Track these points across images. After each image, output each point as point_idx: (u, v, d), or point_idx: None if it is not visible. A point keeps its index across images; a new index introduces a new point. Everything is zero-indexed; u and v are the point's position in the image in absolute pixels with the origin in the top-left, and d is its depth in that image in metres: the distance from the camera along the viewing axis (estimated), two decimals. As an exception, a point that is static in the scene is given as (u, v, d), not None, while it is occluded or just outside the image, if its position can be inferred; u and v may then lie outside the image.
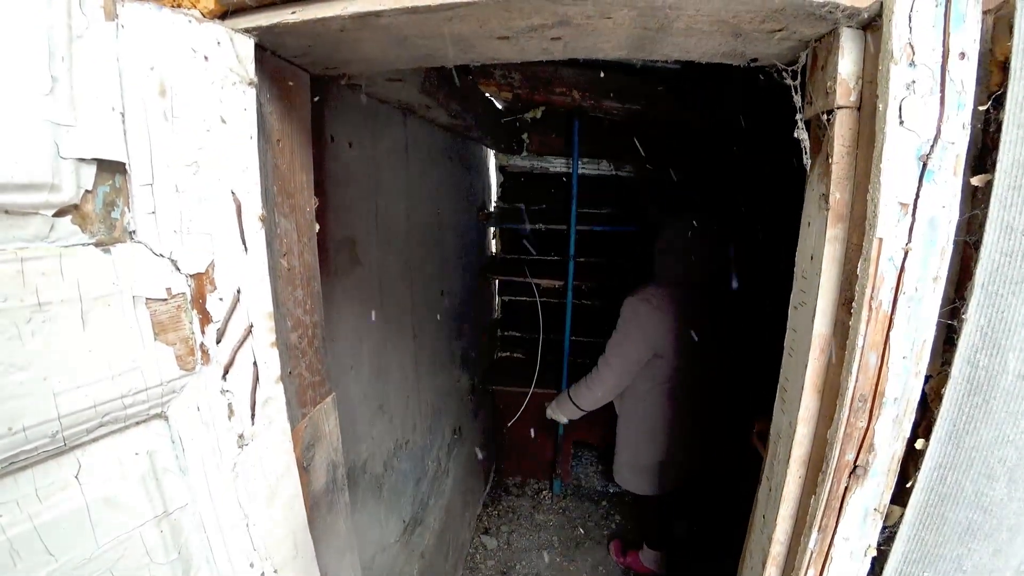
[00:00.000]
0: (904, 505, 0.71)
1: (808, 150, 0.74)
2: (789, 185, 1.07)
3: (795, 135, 0.73)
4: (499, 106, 2.58)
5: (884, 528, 0.73)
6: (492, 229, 3.15)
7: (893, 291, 0.62)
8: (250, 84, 0.66)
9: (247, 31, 0.66)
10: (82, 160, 0.51)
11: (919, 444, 0.67)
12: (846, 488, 0.71)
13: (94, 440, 0.54)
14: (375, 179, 1.53)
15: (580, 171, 2.81)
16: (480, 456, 2.96)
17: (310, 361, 0.86)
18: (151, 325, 0.56)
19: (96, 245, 0.52)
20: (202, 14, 0.63)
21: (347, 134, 1.37)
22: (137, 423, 0.57)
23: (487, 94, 2.18)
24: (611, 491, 3.28)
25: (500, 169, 3.04)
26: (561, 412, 2.36)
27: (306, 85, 0.88)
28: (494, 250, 3.23)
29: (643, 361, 2.07)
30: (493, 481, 3.29)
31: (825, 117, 0.69)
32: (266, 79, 0.76)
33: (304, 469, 0.84)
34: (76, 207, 0.51)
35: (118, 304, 0.53)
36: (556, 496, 3.25)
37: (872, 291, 0.62)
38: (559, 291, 2.92)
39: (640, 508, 2.68)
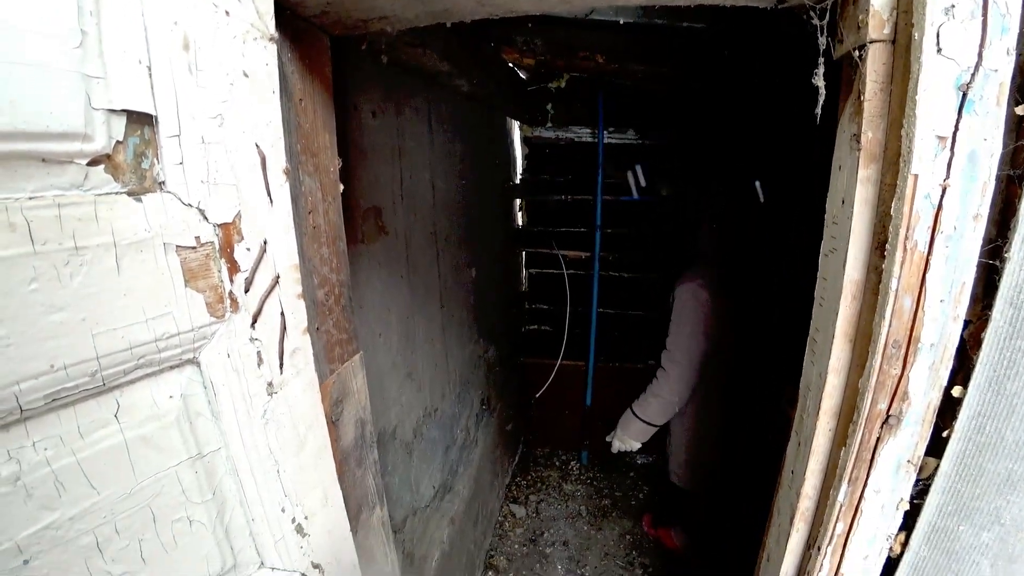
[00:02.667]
0: (940, 456, 0.69)
1: (823, 100, 0.70)
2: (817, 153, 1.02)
3: (813, 81, 0.70)
4: (522, 75, 2.55)
5: (918, 481, 0.71)
6: (518, 201, 3.14)
7: (930, 231, 0.59)
8: (271, 40, 0.67)
9: (266, -13, 0.67)
10: (112, 111, 0.52)
11: (956, 392, 0.65)
12: (878, 439, 0.69)
13: (131, 382, 0.57)
14: (399, 149, 1.54)
15: (606, 140, 2.76)
16: (509, 427, 3.01)
17: (337, 319, 0.89)
18: (182, 272, 0.59)
19: (128, 194, 0.54)
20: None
21: (371, 104, 1.38)
22: (171, 367, 0.60)
23: (510, 63, 2.15)
24: (639, 462, 3.28)
25: (525, 140, 3.01)
26: (631, 437, 2.14)
27: (326, 47, 0.89)
28: (520, 222, 3.22)
29: (707, 351, 1.91)
30: (522, 452, 3.34)
31: (857, 54, 0.65)
32: (287, 40, 0.77)
33: (333, 424, 0.87)
34: (108, 157, 0.53)
35: (150, 251, 0.55)
36: (584, 467, 3.28)
37: (907, 231, 0.60)
38: (586, 262, 2.90)
39: (687, 501, 2.59)
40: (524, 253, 3.22)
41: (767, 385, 1.92)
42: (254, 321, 0.66)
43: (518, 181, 3.06)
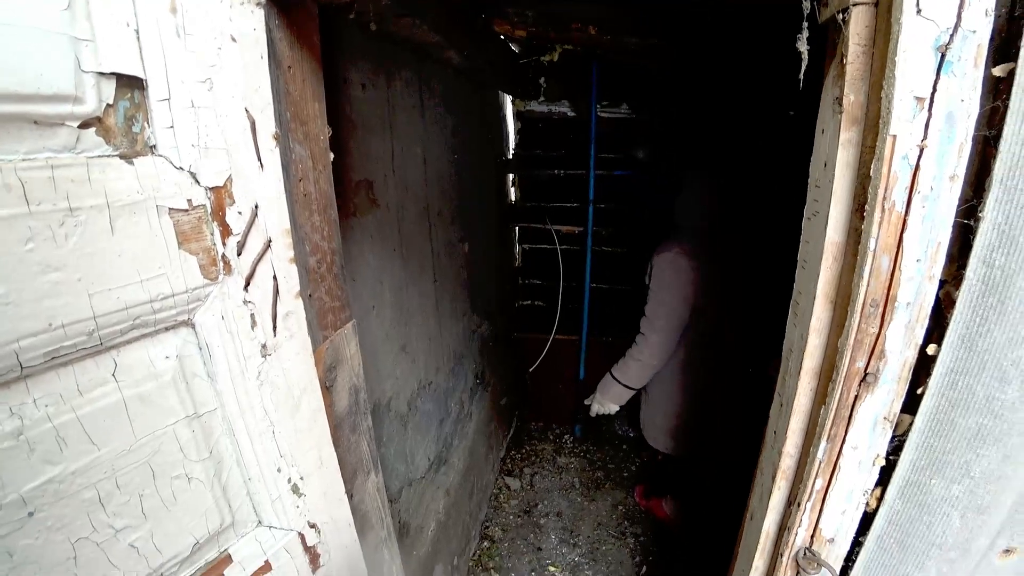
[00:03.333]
0: (914, 413, 0.71)
1: (806, 65, 0.71)
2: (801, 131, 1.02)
3: (797, 46, 0.70)
4: (514, 48, 2.52)
5: (893, 437, 0.74)
6: (511, 176, 3.13)
7: (907, 191, 0.61)
8: (258, 5, 0.67)
9: (250, -52, 0.66)
10: (102, 74, 0.53)
11: (931, 350, 0.67)
12: (856, 396, 0.72)
13: (127, 342, 0.58)
14: (390, 122, 1.53)
15: (599, 115, 2.74)
16: (503, 401, 3.05)
17: (329, 286, 0.90)
18: (175, 234, 0.59)
19: (120, 157, 0.55)
20: (206, -66, 0.64)
21: (361, 76, 1.37)
22: (166, 328, 0.62)
23: (501, 35, 2.13)
24: (631, 435, 3.35)
25: (517, 115, 2.98)
26: (609, 400, 2.18)
27: (315, 15, 0.88)
28: (513, 198, 3.22)
29: (686, 318, 1.96)
30: (516, 426, 3.39)
31: (840, 16, 0.66)
32: (275, 6, 0.76)
33: (327, 389, 0.89)
34: (99, 120, 0.54)
35: (143, 213, 0.56)
36: (577, 440, 3.34)
37: (885, 191, 0.61)
38: (579, 238, 2.91)
39: (667, 465, 2.66)
40: (517, 228, 3.22)
41: (753, 351, 1.96)
42: (247, 284, 0.67)
43: (511, 156, 3.04)
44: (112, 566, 0.59)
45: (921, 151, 0.59)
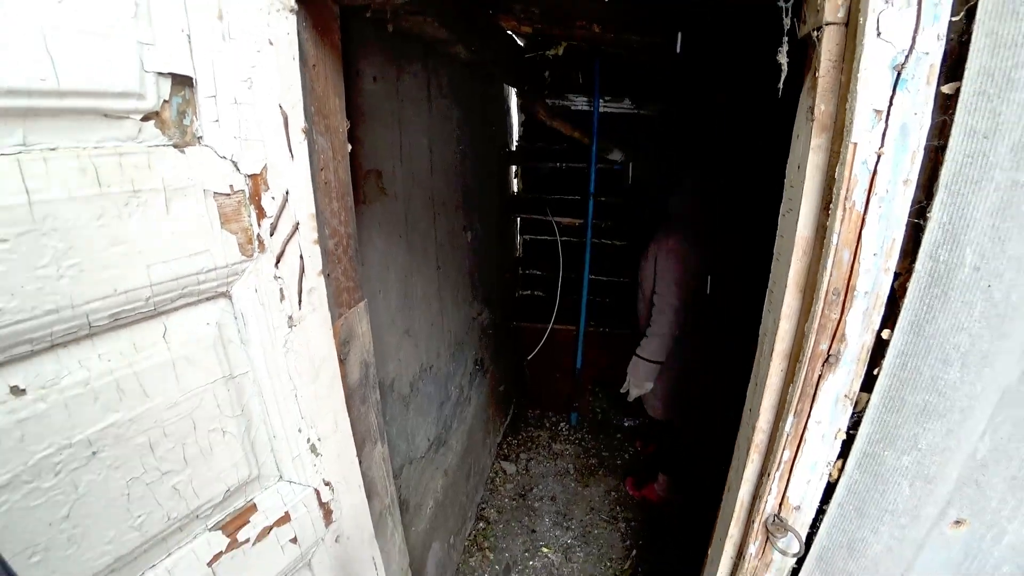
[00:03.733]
0: (871, 391, 0.80)
1: (785, 75, 0.78)
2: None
3: (778, 58, 0.78)
4: (520, 43, 2.58)
5: (853, 413, 0.83)
6: (514, 168, 3.20)
7: (866, 192, 0.69)
8: (291, 11, 0.74)
9: (285, -41, 0.73)
10: (160, 74, 0.60)
11: (885, 334, 0.75)
12: (820, 376, 0.80)
13: (175, 309, 0.67)
14: (399, 114, 1.60)
15: (601, 109, 2.81)
16: (501, 388, 3.14)
17: (345, 268, 0.98)
18: (218, 215, 0.67)
19: (174, 146, 0.63)
20: (244, -56, 0.71)
21: (372, 69, 1.44)
22: (208, 298, 0.70)
23: (507, 31, 2.19)
24: (626, 424, 3.45)
25: (521, 108, 3.05)
26: (643, 379, 2.36)
27: (335, 16, 0.95)
28: (515, 189, 3.29)
29: (689, 296, 2.16)
30: (513, 412, 3.48)
31: (815, 34, 0.73)
32: (302, 9, 0.83)
33: (342, 361, 0.97)
34: (157, 114, 0.61)
35: (192, 196, 0.64)
36: (573, 428, 3.44)
37: (847, 192, 0.69)
38: (579, 230, 2.99)
39: (666, 434, 2.78)
40: (519, 219, 3.30)
41: (736, 332, 2.08)
42: (278, 261, 0.75)
43: (514, 148, 3.11)
44: (158, 504, 0.68)
45: (879, 157, 0.67)
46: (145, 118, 0.60)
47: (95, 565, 0.63)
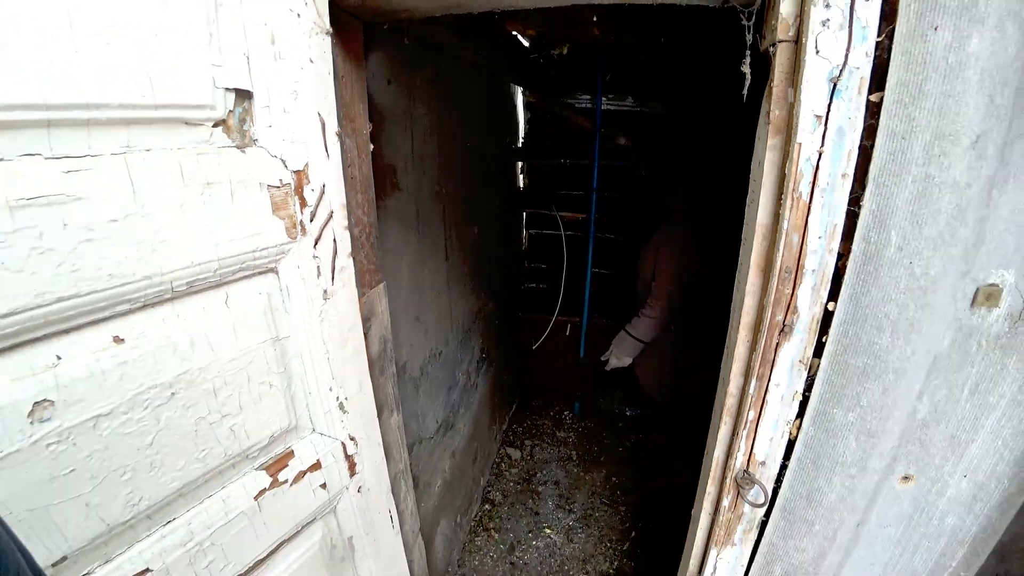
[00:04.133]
0: (820, 356, 0.92)
1: (750, 82, 0.91)
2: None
3: (742, 68, 0.90)
4: (525, 44, 2.71)
5: (808, 377, 0.95)
6: (520, 164, 3.34)
7: (810, 185, 0.82)
8: (327, 33, 0.88)
9: (322, -10, 0.87)
10: (227, 89, 0.75)
11: (831, 306, 0.88)
12: (777, 344, 0.93)
13: (236, 280, 0.81)
14: (410, 113, 1.74)
15: (604, 107, 2.95)
16: (506, 377, 3.28)
17: (367, 252, 1.12)
18: (270, 204, 0.82)
19: (236, 148, 0.77)
20: (287, -23, 0.85)
21: (387, 72, 1.57)
22: (259, 273, 0.84)
23: (513, 32, 2.33)
24: (628, 414, 3.57)
25: (527, 106, 3.19)
26: (624, 353, 2.55)
27: (360, 32, 1.10)
28: (521, 185, 3.43)
29: (683, 286, 2.32)
30: (518, 401, 3.62)
31: (771, 49, 0.86)
32: (334, 30, 0.98)
33: (365, 334, 1.11)
34: (224, 121, 0.76)
35: (251, 187, 0.78)
36: (576, 416, 3.57)
37: (794, 185, 0.82)
38: (582, 224, 3.13)
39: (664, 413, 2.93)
40: (524, 214, 3.45)
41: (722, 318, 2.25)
42: (316, 243, 0.89)
43: (520, 145, 3.25)
44: (217, 441, 0.82)
45: (820, 155, 0.80)
46: (215, 125, 0.74)
47: (168, 488, 0.78)
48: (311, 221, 0.88)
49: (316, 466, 0.99)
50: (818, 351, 0.92)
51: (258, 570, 0.94)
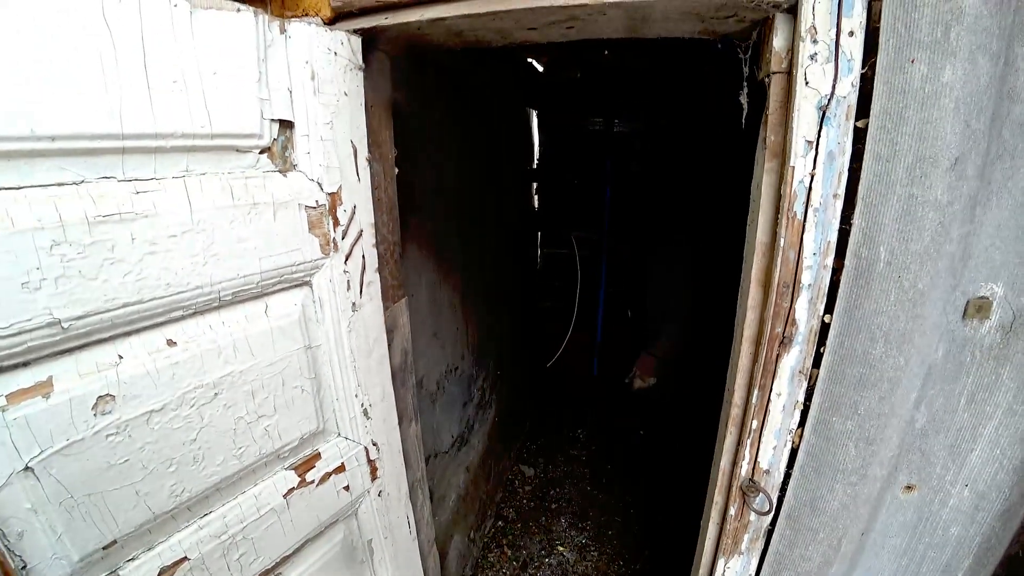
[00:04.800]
0: (819, 367, 0.97)
1: (747, 111, 0.98)
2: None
3: (740, 99, 0.98)
4: (539, 68, 2.83)
5: (808, 386, 1.00)
6: (535, 184, 3.45)
7: (804, 205, 0.88)
8: (359, 69, 0.98)
9: (356, 31, 0.97)
10: (272, 120, 0.84)
11: (827, 319, 0.93)
12: (778, 355, 0.98)
13: (275, 291, 0.89)
14: (429, 135, 1.84)
15: (616, 129, 3.05)
16: (521, 394, 3.32)
17: (391, 268, 1.20)
18: (307, 223, 0.90)
19: (279, 172, 0.86)
20: (322, 20, 0.95)
21: (408, 98, 1.67)
22: (296, 285, 0.92)
23: (528, 59, 2.45)
24: (642, 432, 3.57)
25: (541, 128, 3.31)
26: (647, 373, 2.67)
27: (387, 66, 1.20)
28: (536, 204, 3.54)
29: (689, 301, 2.38)
30: (532, 419, 3.65)
31: (767, 80, 0.93)
32: (366, 66, 1.07)
33: (388, 346, 1.18)
34: (269, 148, 0.85)
35: (291, 208, 0.87)
36: (589, 434, 3.59)
37: (789, 205, 0.88)
38: (596, 242, 3.22)
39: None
40: (539, 233, 3.54)
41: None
42: (347, 259, 0.97)
43: (535, 166, 3.37)
44: (253, 440, 0.89)
45: (812, 177, 0.86)
46: (261, 152, 0.83)
47: (208, 481, 0.85)
48: (343, 239, 0.96)
49: (340, 468, 1.06)
50: (816, 361, 0.97)
51: (284, 566, 1.00)
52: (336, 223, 0.94)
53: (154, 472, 0.77)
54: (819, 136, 0.85)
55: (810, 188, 0.87)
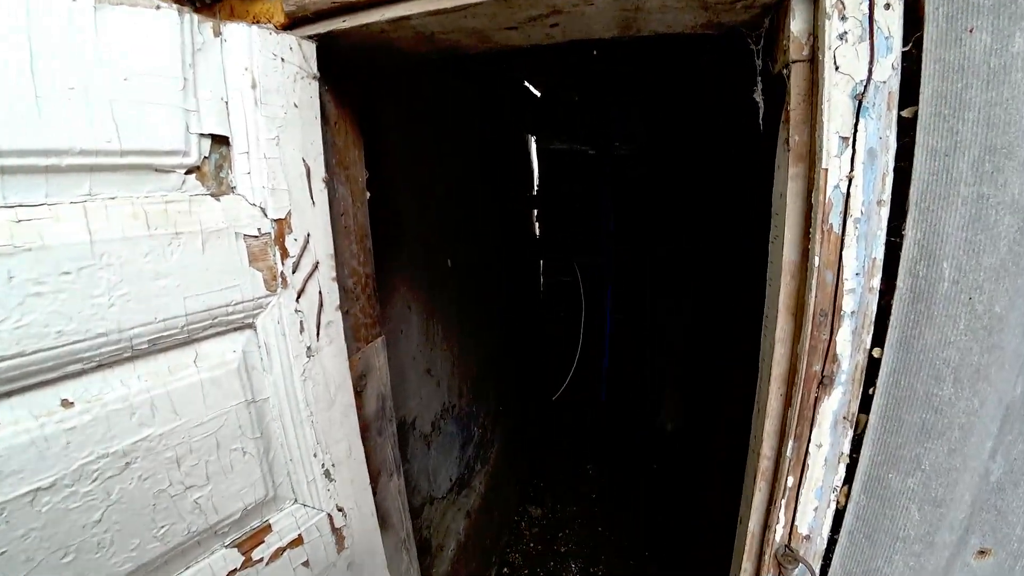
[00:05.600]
0: (868, 411, 0.80)
1: (764, 109, 0.84)
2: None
3: (754, 96, 0.84)
4: (536, 93, 2.75)
5: (854, 435, 0.82)
6: (535, 211, 3.33)
7: (842, 215, 0.72)
8: (314, 78, 0.86)
9: (310, 37, 0.86)
10: (202, 135, 0.71)
11: (876, 353, 0.76)
12: (816, 398, 0.81)
13: (206, 337, 0.75)
14: (415, 157, 1.72)
15: (616, 153, 2.94)
16: (526, 429, 3.12)
17: (363, 305, 1.06)
18: (247, 255, 0.76)
19: (211, 195, 0.73)
20: (275, 26, 0.84)
21: (384, 114, 1.54)
22: (235, 328, 0.78)
23: (525, 83, 2.36)
24: (654, 466, 3.34)
25: (540, 153, 3.21)
26: (677, 411, 2.46)
27: (357, 77, 1.08)
28: (537, 231, 3.41)
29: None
30: (539, 454, 3.43)
31: (785, 72, 0.79)
32: (325, 73, 0.96)
33: (358, 394, 1.03)
34: (198, 168, 0.72)
35: (225, 237, 0.73)
36: (599, 470, 3.36)
37: (823, 216, 0.73)
38: (600, 268, 3.07)
39: None
40: (541, 261, 3.40)
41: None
42: (299, 296, 0.83)
43: (535, 192, 3.25)
44: (180, 517, 0.73)
45: (850, 181, 0.71)
46: (188, 171, 0.70)
47: (118, 571, 0.69)
48: (293, 272, 0.82)
49: (297, 541, 0.89)
50: (865, 405, 0.80)
51: (230, 666, 0.83)
52: (284, 254, 0.80)
53: (42, 565, 0.62)
54: (856, 130, 0.70)
55: (848, 194, 0.72)
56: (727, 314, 2.19)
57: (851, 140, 0.70)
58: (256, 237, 0.77)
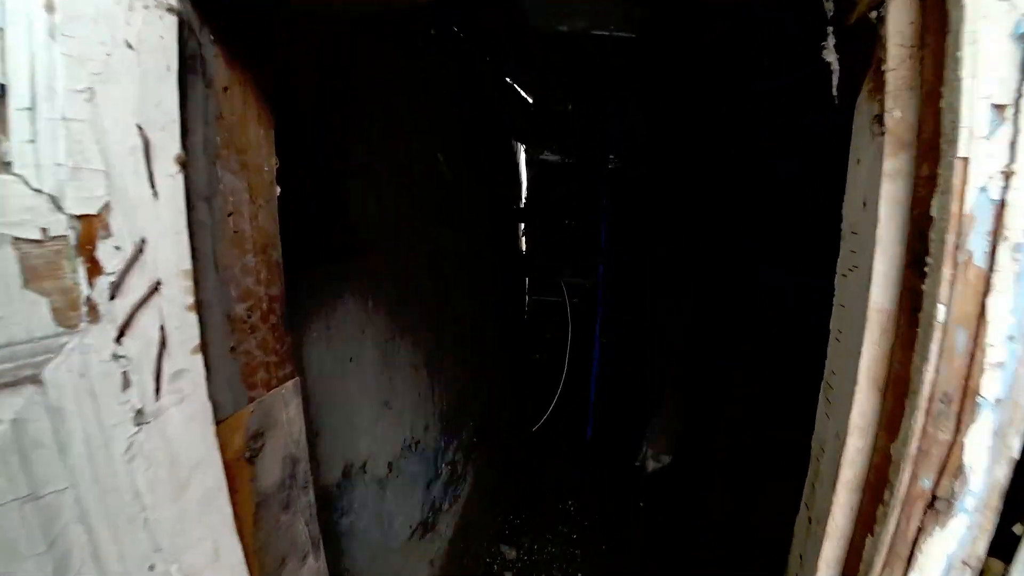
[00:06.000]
0: (1010, 559, 0.50)
1: (840, 75, 0.55)
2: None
3: (823, 56, 0.55)
4: (528, 100, 2.49)
5: (978, 587, 0.52)
6: (522, 225, 3.06)
7: (990, 237, 0.43)
8: (169, 10, 0.58)
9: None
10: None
11: (1030, 467, 0.47)
12: (920, 528, 0.51)
13: (-56, 402, 0.46)
14: (386, 164, 1.45)
15: (609, 166, 2.69)
16: (502, 462, 2.81)
17: (263, 338, 0.77)
18: (20, 270, 0.48)
19: (-52, 171, 0.44)
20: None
21: (336, 97, 1.26)
22: (3, 385, 0.49)
23: (515, 87, 2.11)
24: (641, 504, 3.00)
25: (529, 164, 2.94)
26: (660, 450, 2.38)
27: (268, 32, 0.80)
28: (523, 247, 3.12)
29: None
30: (516, 489, 3.09)
31: (874, 15, 0.51)
32: (211, 18, 0.68)
33: (248, 461, 0.74)
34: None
35: (-24, 242, 0.45)
36: (581, 506, 3.02)
37: (957, 239, 0.44)
38: (589, 290, 2.78)
39: None
40: (526, 279, 3.11)
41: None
42: (120, 335, 0.54)
43: (522, 205, 2.98)
44: None
45: (1007, 178, 0.42)
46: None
47: None
48: (111, 298, 0.53)
49: None
50: (1000, 547, 0.50)
51: None
52: (96, 270, 0.52)
53: None
54: (1020, 94, 0.41)
55: (1003, 201, 0.43)
56: (727, 314, 1.93)
57: (1012, 110, 0.41)
58: (39, 243, 0.49)
